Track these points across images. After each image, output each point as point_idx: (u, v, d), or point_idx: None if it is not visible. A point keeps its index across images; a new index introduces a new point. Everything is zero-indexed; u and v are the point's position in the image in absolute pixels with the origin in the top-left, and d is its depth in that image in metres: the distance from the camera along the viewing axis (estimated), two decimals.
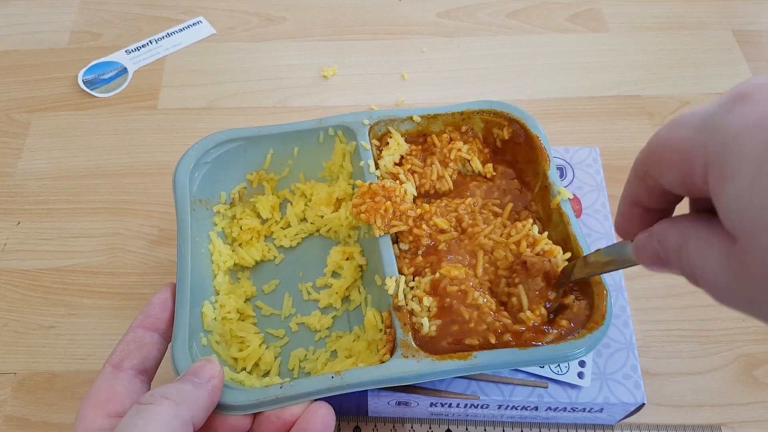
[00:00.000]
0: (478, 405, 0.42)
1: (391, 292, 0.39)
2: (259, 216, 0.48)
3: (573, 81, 0.66)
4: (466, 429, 0.45)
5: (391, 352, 0.37)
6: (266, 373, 0.41)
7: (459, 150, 0.46)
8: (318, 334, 0.43)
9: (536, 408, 0.42)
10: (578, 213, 0.48)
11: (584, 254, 0.39)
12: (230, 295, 0.43)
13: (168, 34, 0.70)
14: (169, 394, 0.30)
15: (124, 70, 0.67)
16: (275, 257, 0.47)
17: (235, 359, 0.41)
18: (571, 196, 0.43)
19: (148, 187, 0.58)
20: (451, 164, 0.46)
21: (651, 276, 0.52)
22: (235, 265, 0.46)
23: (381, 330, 0.39)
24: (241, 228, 0.47)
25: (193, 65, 0.67)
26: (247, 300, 0.45)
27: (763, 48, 0.68)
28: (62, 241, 0.54)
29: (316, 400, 0.35)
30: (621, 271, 0.45)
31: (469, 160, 0.47)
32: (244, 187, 0.48)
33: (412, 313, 0.39)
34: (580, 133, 0.62)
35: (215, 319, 0.41)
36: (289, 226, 0.48)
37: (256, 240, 0.47)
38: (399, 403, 0.42)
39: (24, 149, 0.61)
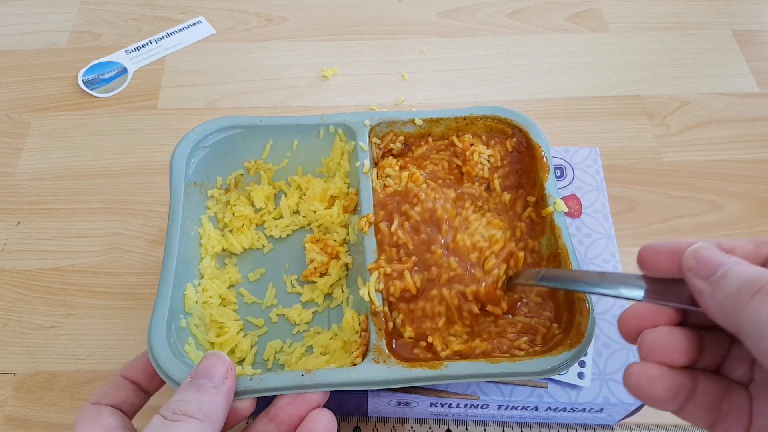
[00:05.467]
0: (478, 405, 0.42)
1: (365, 299, 0.39)
2: (252, 204, 0.48)
3: (573, 81, 0.66)
4: (466, 429, 0.45)
5: (364, 356, 0.37)
6: (241, 361, 0.42)
7: (481, 153, 0.46)
8: (297, 328, 0.44)
9: (536, 408, 0.42)
10: (578, 213, 0.48)
11: (572, 267, 0.39)
12: (214, 280, 0.44)
13: (168, 34, 0.70)
14: (191, 412, 0.31)
15: (124, 70, 0.67)
16: (264, 246, 0.47)
17: (212, 344, 0.41)
18: (566, 209, 0.43)
19: (148, 187, 0.58)
20: (477, 167, 0.46)
21: None
22: (223, 250, 0.46)
23: (357, 332, 0.40)
24: (233, 214, 0.47)
25: (193, 65, 0.67)
26: (231, 286, 0.45)
27: (763, 48, 0.68)
28: (62, 241, 0.55)
29: (317, 406, 0.35)
30: (621, 271, 0.45)
31: (489, 180, 0.46)
32: (241, 174, 0.49)
33: (386, 315, 0.39)
34: (580, 133, 0.62)
35: (197, 302, 0.42)
36: (281, 217, 0.48)
37: (247, 227, 0.47)
38: (399, 403, 0.42)
39: (24, 149, 0.61)
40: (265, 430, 0.35)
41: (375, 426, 0.45)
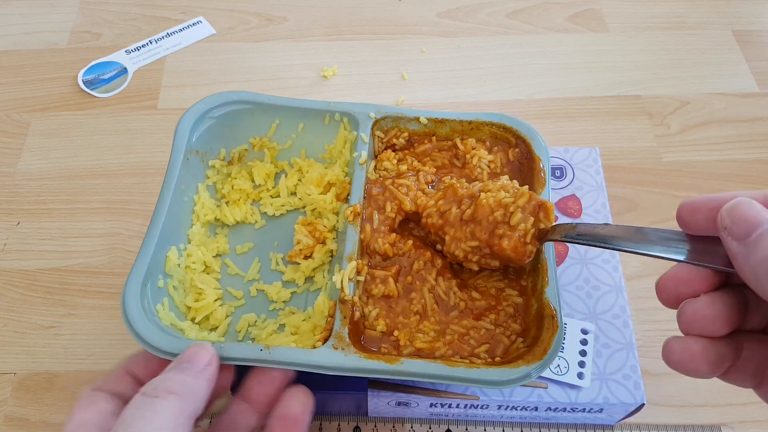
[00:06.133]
0: (478, 405, 0.42)
1: (337, 286, 0.39)
2: (252, 180, 0.49)
3: (573, 81, 0.66)
4: (466, 429, 0.45)
5: (325, 341, 0.37)
6: (214, 329, 0.42)
7: (482, 158, 0.45)
8: (273, 305, 0.44)
9: (536, 408, 0.42)
10: (578, 213, 0.48)
11: (549, 286, 0.38)
12: (201, 247, 0.44)
13: (168, 34, 0.70)
14: (173, 388, 0.31)
15: (124, 70, 0.67)
16: (256, 222, 0.48)
17: (189, 308, 0.42)
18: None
19: (148, 187, 0.58)
20: (476, 171, 0.46)
21: (651, 276, 0.52)
22: (216, 219, 0.47)
23: (326, 317, 0.40)
24: (232, 187, 0.48)
25: (193, 65, 0.67)
26: (217, 255, 0.46)
27: (763, 48, 0.68)
28: (62, 241, 0.55)
29: (294, 383, 0.36)
30: (621, 271, 0.45)
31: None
32: (246, 149, 0.49)
33: (354, 305, 0.39)
34: (580, 133, 0.62)
35: (179, 265, 0.42)
36: (278, 196, 0.49)
37: (243, 201, 0.48)
38: (399, 404, 0.42)
39: (24, 149, 0.61)
40: (241, 410, 0.35)
41: (375, 426, 0.45)
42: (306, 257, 0.45)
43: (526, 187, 0.40)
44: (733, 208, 0.24)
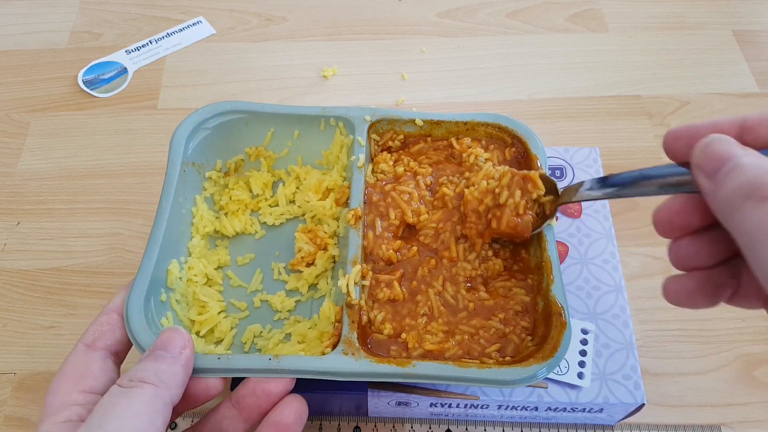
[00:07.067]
0: (478, 405, 0.42)
1: (344, 290, 0.39)
2: (250, 190, 0.49)
3: (573, 81, 0.66)
4: (466, 429, 0.45)
5: (334, 347, 0.37)
6: (219, 341, 0.42)
7: (478, 156, 0.46)
8: (278, 315, 0.44)
9: (536, 408, 0.42)
10: (578, 213, 0.48)
11: (554, 284, 0.38)
12: (201, 259, 0.44)
13: (168, 34, 0.70)
14: (147, 378, 0.31)
15: (124, 70, 0.67)
16: (256, 232, 0.48)
17: (192, 321, 0.42)
18: (555, 224, 0.42)
19: (148, 187, 0.58)
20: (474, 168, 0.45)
21: (651, 276, 0.52)
22: (216, 231, 0.47)
23: (333, 323, 0.40)
24: (230, 198, 0.48)
25: (193, 65, 0.67)
26: (218, 267, 0.46)
27: (763, 48, 0.68)
28: (62, 241, 0.55)
29: (292, 392, 0.36)
30: (621, 271, 0.45)
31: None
32: (242, 159, 0.49)
33: (361, 308, 0.39)
34: (580, 133, 0.62)
35: (180, 278, 0.42)
36: (276, 205, 0.49)
37: (242, 212, 0.48)
38: (399, 403, 0.42)
39: (24, 149, 0.61)
40: (229, 414, 0.35)
41: (375, 426, 0.45)
42: (308, 265, 0.45)
43: (506, 167, 0.41)
44: (707, 145, 0.25)
